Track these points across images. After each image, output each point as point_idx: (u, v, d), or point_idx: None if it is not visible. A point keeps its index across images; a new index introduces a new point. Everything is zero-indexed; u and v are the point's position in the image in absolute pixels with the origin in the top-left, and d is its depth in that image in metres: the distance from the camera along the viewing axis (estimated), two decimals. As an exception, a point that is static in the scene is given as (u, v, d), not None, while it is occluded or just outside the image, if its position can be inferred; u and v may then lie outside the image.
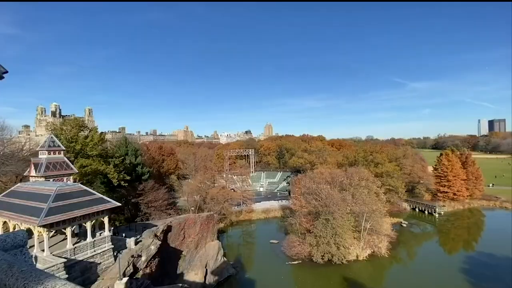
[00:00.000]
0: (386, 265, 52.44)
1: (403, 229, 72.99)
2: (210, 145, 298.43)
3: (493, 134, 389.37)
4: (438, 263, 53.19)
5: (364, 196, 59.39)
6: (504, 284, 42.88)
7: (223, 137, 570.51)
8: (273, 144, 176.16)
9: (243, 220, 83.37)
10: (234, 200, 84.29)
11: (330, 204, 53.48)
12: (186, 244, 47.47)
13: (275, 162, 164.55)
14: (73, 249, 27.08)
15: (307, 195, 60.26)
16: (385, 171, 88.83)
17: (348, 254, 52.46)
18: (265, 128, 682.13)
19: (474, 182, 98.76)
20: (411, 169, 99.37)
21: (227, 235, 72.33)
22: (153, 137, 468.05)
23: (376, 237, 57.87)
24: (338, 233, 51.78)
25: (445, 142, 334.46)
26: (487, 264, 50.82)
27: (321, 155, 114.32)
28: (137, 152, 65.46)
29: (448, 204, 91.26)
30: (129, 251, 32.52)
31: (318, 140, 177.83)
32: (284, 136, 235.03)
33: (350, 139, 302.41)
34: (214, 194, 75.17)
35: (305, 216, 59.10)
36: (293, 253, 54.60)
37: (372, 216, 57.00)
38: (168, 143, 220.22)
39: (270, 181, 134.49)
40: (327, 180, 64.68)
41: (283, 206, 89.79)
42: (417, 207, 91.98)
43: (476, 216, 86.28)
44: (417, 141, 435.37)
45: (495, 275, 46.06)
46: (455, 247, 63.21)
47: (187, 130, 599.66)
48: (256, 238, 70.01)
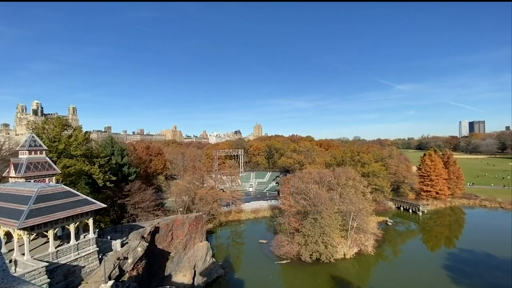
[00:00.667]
0: (372, 262, 53.65)
1: (389, 228, 74.96)
2: (199, 145, 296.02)
3: (473, 135, 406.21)
4: (421, 260, 54.98)
5: (351, 195, 60.57)
6: (483, 280, 44.78)
7: (212, 137, 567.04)
8: (263, 144, 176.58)
9: (232, 220, 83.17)
10: (223, 200, 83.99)
11: (318, 203, 54.17)
12: (174, 245, 46.83)
13: (265, 162, 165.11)
14: (56, 252, 26.15)
15: (296, 195, 60.81)
16: (371, 171, 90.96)
17: (336, 253, 53.34)
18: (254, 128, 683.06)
19: (455, 182, 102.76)
20: (396, 169, 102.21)
21: (216, 235, 71.95)
22: (140, 136, 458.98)
23: (362, 236, 59.16)
24: (326, 232, 52.54)
25: (429, 142, 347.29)
26: (468, 260, 52.99)
27: (310, 155, 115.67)
28: (123, 152, 64.02)
29: (431, 203, 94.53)
30: (115, 254, 31.76)
31: (306, 141, 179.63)
32: (273, 136, 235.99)
33: (338, 140, 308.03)
34: (203, 195, 74.57)
35: (294, 215, 59.64)
36: (282, 252, 54.97)
37: (359, 215, 58.21)
38: (156, 143, 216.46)
39: (259, 181, 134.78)
40: (315, 180, 65.52)
41: (272, 206, 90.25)
42: (402, 205, 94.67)
43: (457, 214, 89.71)
44: (402, 142, 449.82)
45: (475, 271, 48.09)
46: (437, 244, 65.46)
47: (176, 130, 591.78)
48: (245, 238, 69.98)
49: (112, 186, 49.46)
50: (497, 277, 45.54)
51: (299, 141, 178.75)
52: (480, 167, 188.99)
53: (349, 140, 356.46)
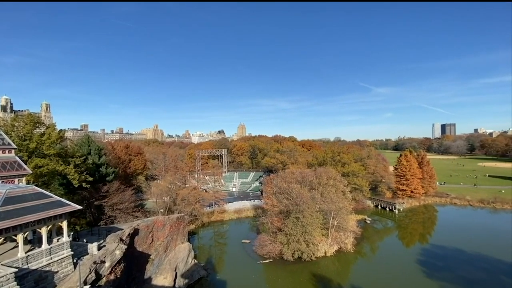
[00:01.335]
0: (352, 260, 55.31)
1: (367, 225, 77.66)
2: (182, 144, 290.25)
3: (445, 137, 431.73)
4: (397, 256, 57.52)
5: (332, 194, 62.09)
6: (453, 274, 47.54)
7: (195, 137, 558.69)
8: (246, 144, 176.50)
9: (215, 221, 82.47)
10: (206, 200, 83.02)
11: (300, 203, 55.05)
12: (154, 247, 45.69)
13: (248, 162, 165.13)
14: (26, 257, 24.64)
15: (279, 195, 61.41)
16: (351, 170, 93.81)
17: (317, 251, 54.49)
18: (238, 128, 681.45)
19: (429, 181, 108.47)
20: (375, 169, 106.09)
21: (199, 236, 71.03)
22: (120, 135, 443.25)
23: (342, 234, 60.87)
24: (308, 230, 53.54)
25: (404, 144, 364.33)
26: (439, 255, 56.07)
27: (293, 155, 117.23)
28: (101, 151, 61.53)
29: (406, 201, 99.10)
30: (91, 257, 30.47)
31: (289, 141, 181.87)
32: (257, 137, 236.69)
33: (319, 140, 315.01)
34: (185, 195, 73.26)
35: (277, 215, 60.20)
36: (265, 252, 55.29)
37: (339, 213, 59.84)
38: (136, 142, 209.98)
39: (242, 181, 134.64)
40: (297, 180, 66.49)
41: (256, 206, 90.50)
42: (379, 204, 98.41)
43: (430, 211, 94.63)
44: (380, 143, 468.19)
45: (446, 266, 51.00)
46: (412, 240, 68.69)
47: (157, 129, 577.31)
48: (228, 238, 69.65)
49: (89, 187, 47.41)
50: (466, 270, 48.61)
51: (282, 142, 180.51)
52: (451, 167, 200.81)
53: (330, 140, 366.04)
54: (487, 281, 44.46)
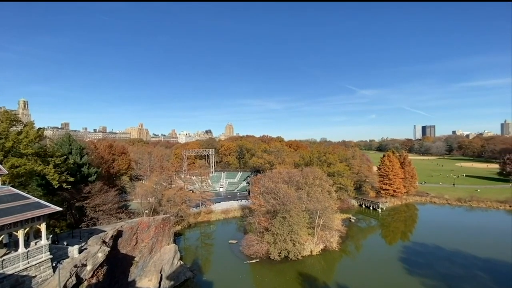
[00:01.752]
0: (337, 258, 56.39)
1: (352, 224, 79.42)
2: (168, 144, 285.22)
3: (425, 139, 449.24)
4: (380, 254, 59.17)
5: (318, 194, 63.07)
6: (433, 270, 49.47)
7: (182, 136, 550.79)
8: (234, 144, 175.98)
9: (202, 222, 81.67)
10: (193, 201, 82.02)
11: (287, 202, 55.55)
12: (139, 249, 44.71)
13: (236, 162, 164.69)
14: (1, 261, 23.45)
15: (266, 195, 61.67)
16: (336, 170, 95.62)
17: (303, 250, 55.16)
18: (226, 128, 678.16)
19: (410, 180, 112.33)
20: (359, 169, 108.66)
21: (185, 237, 70.07)
22: (103, 134, 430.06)
23: (328, 233, 61.97)
24: (294, 230, 54.11)
25: (387, 144, 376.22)
26: (420, 252, 58.22)
27: (280, 156, 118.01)
28: (82, 150, 59.44)
29: (389, 200, 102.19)
30: (72, 261, 29.41)
31: (277, 141, 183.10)
32: (244, 137, 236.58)
33: (306, 141, 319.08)
34: (171, 196, 72.09)
35: (264, 215, 60.44)
36: (252, 252, 55.34)
37: (324, 213, 60.87)
38: (120, 141, 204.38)
39: (230, 181, 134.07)
40: (284, 180, 67.04)
41: (243, 206, 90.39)
42: (363, 203, 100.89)
43: (411, 210, 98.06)
44: (364, 143, 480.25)
45: (426, 262, 53.00)
46: (394, 238, 70.88)
47: (142, 128, 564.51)
48: (214, 239, 69.14)
49: (70, 187, 45.62)
50: (445, 266, 50.73)
51: (269, 142, 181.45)
52: (431, 167, 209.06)
53: (316, 141, 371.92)
54: (464, 277, 46.61)
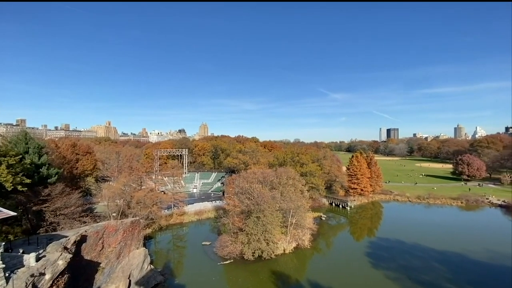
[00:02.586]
0: (309, 255, 58.13)
1: (323, 222, 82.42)
2: (138, 143, 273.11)
3: (390, 141, 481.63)
4: (349, 250, 62.17)
5: (291, 193, 64.57)
6: (396, 263, 53.00)
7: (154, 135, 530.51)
8: (208, 144, 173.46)
9: (174, 224, 79.38)
10: (165, 203, 79.39)
11: (261, 202, 56.11)
12: (105, 254, 42.30)
13: (210, 163, 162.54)
14: None
15: (241, 195, 61.70)
16: (309, 170, 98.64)
17: (276, 249, 56.09)
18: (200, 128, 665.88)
19: (376, 180, 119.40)
20: (330, 169, 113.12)
21: (156, 240, 67.58)
22: (65, 132, 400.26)
23: (300, 231, 63.68)
24: (268, 229, 54.81)
25: (356, 146, 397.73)
26: (384, 247, 62.12)
27: (255, 156, 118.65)
28: (41, 150, 54.70)
29: (357, 199, 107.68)
30: (28, 270, 26.98)
31: (252, 142, 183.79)
32: (219, 137, 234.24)
33: (280, 141, 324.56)
34: (141, 198, 69.11)
35: (238, 215, 60.41)
36: (225, 253, 55.02)
37: (297, 211, 62.48)
38: (84, 140, 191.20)
39: (204, 182, 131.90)
40: (259, 180, 67.62)
41: (217, 207, 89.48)
42: (333, 202, 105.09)
43: (377, 207, 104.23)
44: (334, 145, 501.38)
45: (390, 256, 56.66)
46: (361, 234, 74.84)
47: (109, 126, 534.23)
48: (187, 241, 67.58)
49: (26, 190, 41.79)
50: (406, 259, 54.64)
51: (244, 142, 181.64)
52: (395, 167, 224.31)
53: (290, 142, 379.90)
54: (422, 268, 50.61)
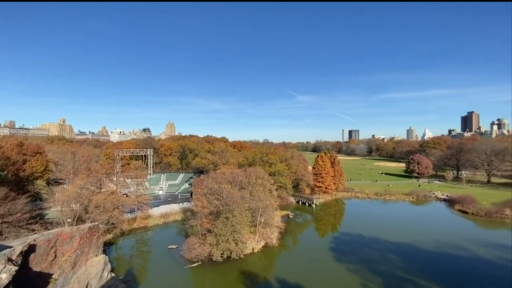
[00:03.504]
0: (277, 253, 59.35)
1: (290, 220, 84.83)
2: (97, 143, 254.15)
3: (351, 141, 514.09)
4: (314, 246, 64.81)
5: (260, 193, 65.39)
6: (356, 256, 56.51)
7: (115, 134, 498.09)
8: (176, 144, 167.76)
9: (138, 228, 75.37)
10: (127, 206, 75.04)
11: (231, 202, 55.93)
12: (58, 264, 38.72)
13: (177, 163, 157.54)
14: None
15: (209, 196, 60.81)
16: (277, 170, 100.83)
17: (245, 248, 56.34)
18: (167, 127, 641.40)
19: (339, 178, 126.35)
20: (297, 168, 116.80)
21: (117, 246, 63.52)
22: (10, 130, 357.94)
23: (269, 230, 64.75)
24: (237, 229, 54.83)
25: (321, 146, 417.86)
26: (346, 241, 65.96)
27: (224, 156, 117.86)
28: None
29: (322, 196, 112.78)
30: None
31: (221, 142, 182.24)
32: (187, 136, 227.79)
33: (250, 141, 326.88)
34: (100, 201, 64.48)
35: (207, 216, 59.46)
36: (193, 255, 53.79)
37: (266, 211, 63.46)
38: (34, 139, 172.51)
39: (170, 183, 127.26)
40: (228, 180, 67.33)
41: (185, 209, 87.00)
42: (300, 200, 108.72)
43: (339, 204, 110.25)
44: (301, 145, 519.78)
45: (351, 250, 60.31)
46: (326, 230, 78.56)
47: (64, 124, 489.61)
48: (152, 245, 64.66)
49: (-41, 196, 36.48)
50: (366, 252, 58.56)
51: (214, 142, 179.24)
52: (356, 166, 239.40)
53: (259, 142, 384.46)
54: (379, 259, 54.73)
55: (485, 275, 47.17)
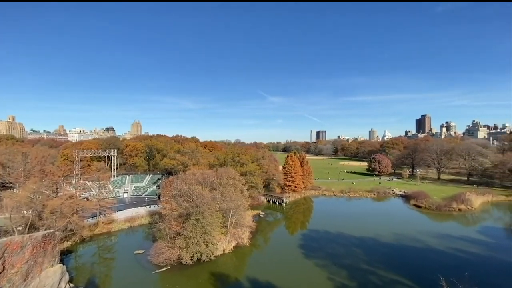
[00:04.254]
0: (248, 253, 59.71)
1: (261, 219, 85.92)
2: (53, 143, 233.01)
3: (319, 142, 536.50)
4: (285, 243, 66.47)
5: (232, 193, 65.31)
6: (323, 252, 59.04)
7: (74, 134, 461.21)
8: (142, 144, 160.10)
9: (100, 234, 70.70)
10: (88, 211, 70.04)
11: (201, 204, 55.06)
12: (7, 277, 34.99)
13: (144, 164, 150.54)
14: None
15: (179, 197, 59.22)
16: (248, 170, 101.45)
17: (216, 250, 55.82)
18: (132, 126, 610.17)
19: (307, 177, 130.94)
20: (268, 168, 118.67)
21: (77, 255, 58.96)
22: None
23: (240, 230, 64.93)
24: (208, 231, 54.14)
25: (291, 146, 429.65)
26: (314, 238, 68.64)
27: (194, 156, 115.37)
28: None
29: (292, 195, 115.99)
30: None
31: (191, 142, 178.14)
32: (155, 136, 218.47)
33: (221, 142, 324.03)
34: (57, 206, 59.25)
35: (176, 219, 57.80)
36: (161, 260, 51.95)
37: (237, 211, 63.54)
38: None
39: (136, 186, 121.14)
40: (199, 181, 66.19)
41: (152, 212, 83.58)
42: (271, 199, 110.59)
43: (308, 202, 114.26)
44: (272, 145, 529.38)
45: (319, 246, 62.90)
46: (295, 228, 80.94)
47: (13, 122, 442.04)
48: (116, 252, 61.11)
49: None
50: (332, 247, 61.51)
51: (183, 142, 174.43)
52: (323, 165, 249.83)
53: (231, 142, 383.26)
54: (344, 254, 57.87)
55: (436, 263, 52.35)
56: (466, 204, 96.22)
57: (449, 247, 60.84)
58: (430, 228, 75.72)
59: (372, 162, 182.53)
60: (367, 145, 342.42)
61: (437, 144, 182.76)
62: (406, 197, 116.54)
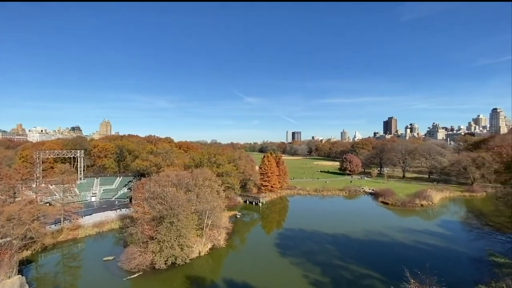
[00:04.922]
0: (224, 254, 59.34)
1: (238, 220, 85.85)
2: (10, 143, 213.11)
3: (294, 142, 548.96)
4: (261, 243, 66.98)
5: (207, 195, 64.37)
6: (298, 250, 60.49)
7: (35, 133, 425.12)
8: (112, 145, 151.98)
9: (65, 241, 66.06)
10: (51, 217, 64.94)
11: (176, 206, 53.66)
12: (-47, 294, 31.42)
13: (114, 166, 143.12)
14: None
15: (152, 200, 57.15)
16: (225, 171, 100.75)
17: (192, 253, 54.76)
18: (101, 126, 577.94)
19: (283, 177, 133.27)
20: (244, 169, 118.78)
21: (38, 264, 54.52)
22: None
23: (216, 231, 64.24)
24: (183, 234, 52.93)
25: (267, 147, 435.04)
26: (290, 236, 70.07)
27: (168, 157, 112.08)
28: None
29: (268, 195, 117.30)
30: None
31: (165, 142, 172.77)
32: (126, 136, 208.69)
33: (197, 142, 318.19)
34: (14, 213, 54.26)
35: (148, 222, 55.71)
36: (133, 265, 49.80)
37: (213, 212, 62.78)
38: None
39: (106, 189, 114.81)
40: (173, 183, 64.43)
41: (123, 216, 79.68)
42: (247, 199, 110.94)
43: (284, 202, 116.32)
44: (249, 146, 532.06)
45: (294, 244, 64.31)
46: (271, 227, 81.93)
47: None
48: (83, 259, 57.50)
49: None
50: (307, 245, 63.21)
51: (157, 142, 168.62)
52: (298, 165, 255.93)
53: (207, 142, 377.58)
54: (318, 251, 59.80)
55: (401, 256, 56.06)
56: (427, 200, 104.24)
57: (413, 240, 65.51)
58: (396, 223, 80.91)
59: (343, 162, 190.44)
60: (339, 145, 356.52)
61: (402, 144, 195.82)
62: (374, 194, 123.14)
